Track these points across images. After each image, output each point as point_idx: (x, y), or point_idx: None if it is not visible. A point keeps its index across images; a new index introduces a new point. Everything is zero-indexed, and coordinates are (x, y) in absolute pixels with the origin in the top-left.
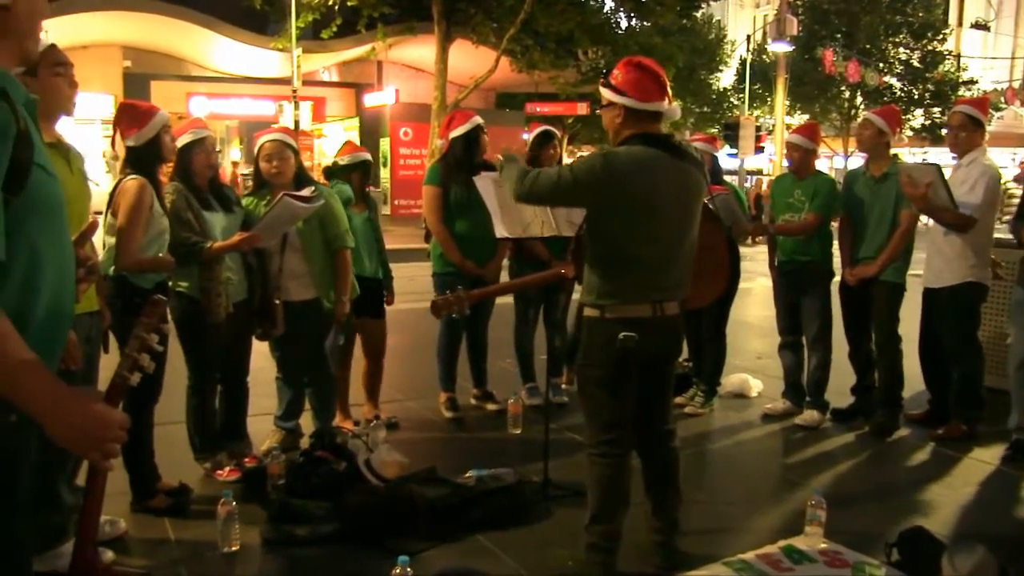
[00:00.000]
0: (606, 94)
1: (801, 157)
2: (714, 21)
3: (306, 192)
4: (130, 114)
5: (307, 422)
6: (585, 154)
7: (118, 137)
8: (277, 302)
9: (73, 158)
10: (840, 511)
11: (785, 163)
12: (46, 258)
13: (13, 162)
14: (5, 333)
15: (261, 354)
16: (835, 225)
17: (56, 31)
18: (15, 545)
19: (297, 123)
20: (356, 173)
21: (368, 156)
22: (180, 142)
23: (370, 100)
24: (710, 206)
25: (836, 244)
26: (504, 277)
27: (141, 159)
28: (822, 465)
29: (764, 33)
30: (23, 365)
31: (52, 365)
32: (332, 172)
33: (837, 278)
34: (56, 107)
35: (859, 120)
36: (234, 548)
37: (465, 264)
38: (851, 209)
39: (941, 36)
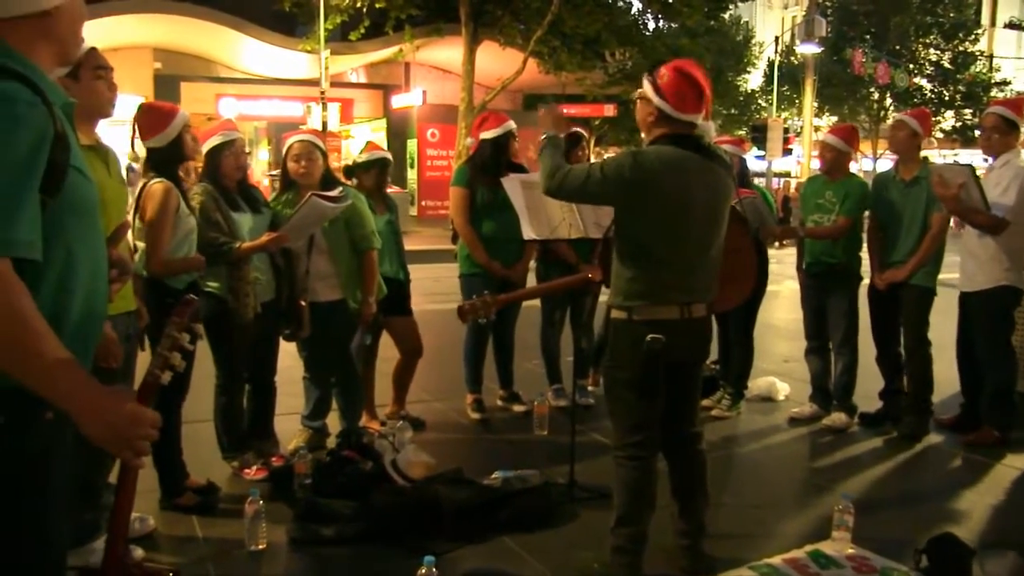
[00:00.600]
0: (646, 87)
1: (835, 158)
2: (742, 23)
3: (334, 193)
4: (151, 116)
5: (334, 422)
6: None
7: (137, 139)
8: (303, 304)
9: (111, 160)
10: (868, 516)
11: (815, 165)
12: (80, 259)
13: (50, 164)
14: (42, 333)
15: (288, 353)
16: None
17: (89, 34)
18: (49, 542)
19: (325, 124)
20: (373, 171)
21: (387, 155)
22: (210, 143)
23: (398, 101)
24: (738, 208)
25: (864, 247)
26: (531, 279)
27: (164, 160)
28: (850, 469)
29: (792, 34)
30: (60, 364)
31: (86, 364)
32: (351, 171)
33: (865, 281)
34: (96, 109)
35: (892, 121)
36: (261, 547)
37: (491, 265)
38: (881, 212)
39: (973, 36)
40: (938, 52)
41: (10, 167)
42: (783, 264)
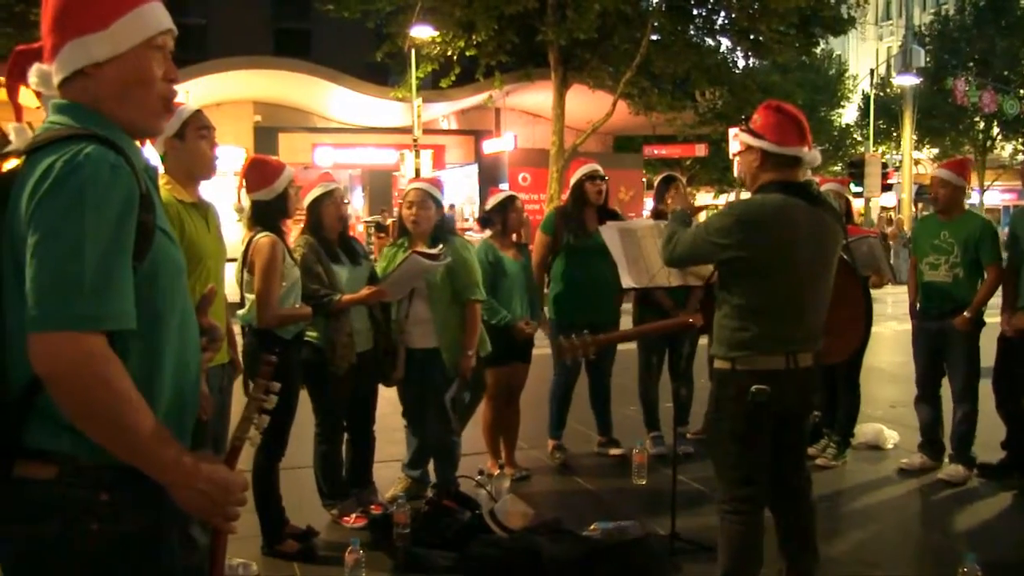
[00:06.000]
0: (744, 138)
1: (949, 194)
2: (834, 56)
3: (435, 250)
4: (260, 170)
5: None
6: (712, 199)
7: (243, 190)
8: (400, 348)
9: (211, 217)
10: None
11: (912, 199)
12: (169, 324)
13: (138, 226)
14: (137, 408)
15: (388, 400)
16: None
17: (194, 91)
18: None
19: (418, 171)
20: (501, 213)
21: (509, 193)
22: (311, 196)
23: (489, 147)
24: (845, 257)
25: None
26: (626, 323)
27: (269, 214)
28: (972, 526)
29: (888, 66)
30: (153, 437)
31: (184, 431)
32: (485, 220)
33: (989, 322)
34: (200, 169)
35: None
36: None
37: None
38: (1017, 251)
39: None
40: None
41: (100, 235)
42: (883, 304)
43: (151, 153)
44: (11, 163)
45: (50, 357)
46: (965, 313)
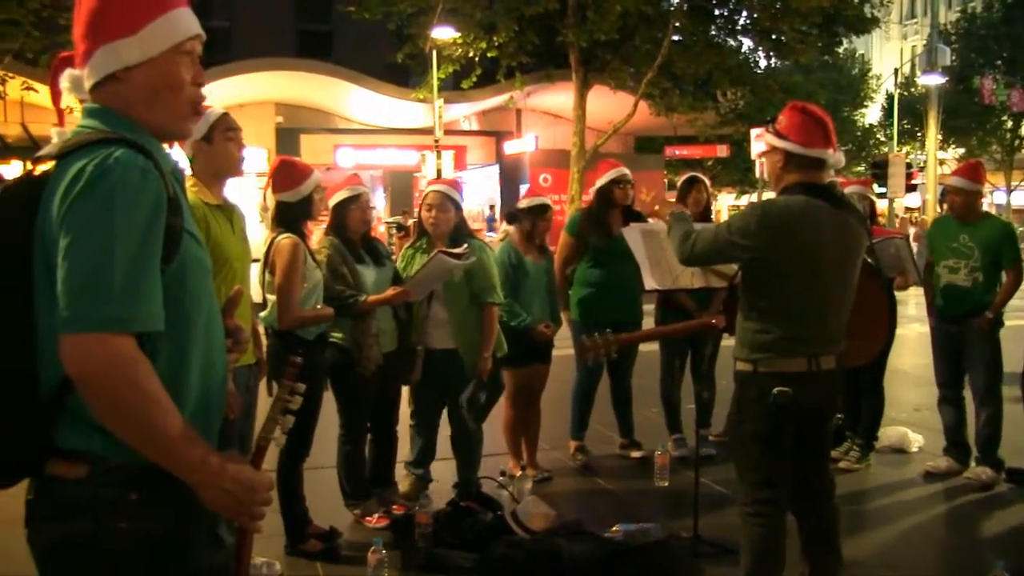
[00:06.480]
0: (768, 139)
1: (964, 200)
2: (857, 55)
3: (459, 250)
4: (288, 171)
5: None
6: (734, 199)
7: (269, 191)
8: (419, 348)
9: (236, 219)
10: None
11: (937, 200)
12: (196, 325)
13: (166, 230)
14: (166, 409)
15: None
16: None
17: (217, 93)
18: None
19: (439, 172)
20: (531, 217)
21: (544, 201)
22: (336, 198)
23: (510, 148)
24: (869, 259)
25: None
26: (648, 325)
27: (292, 215)
28: (1000, 531)
29: (913, 65)
30: (181, 437)
31: (211, 431)
32: (513, 216)
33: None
34: (227, 170)
35: None
36: None
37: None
38: None
39: None
40: None
41: (130, 238)
42: (906, 305)
43: (179, 155)
44: (43, 167)
45: (81, 358)
46: (987, 314)
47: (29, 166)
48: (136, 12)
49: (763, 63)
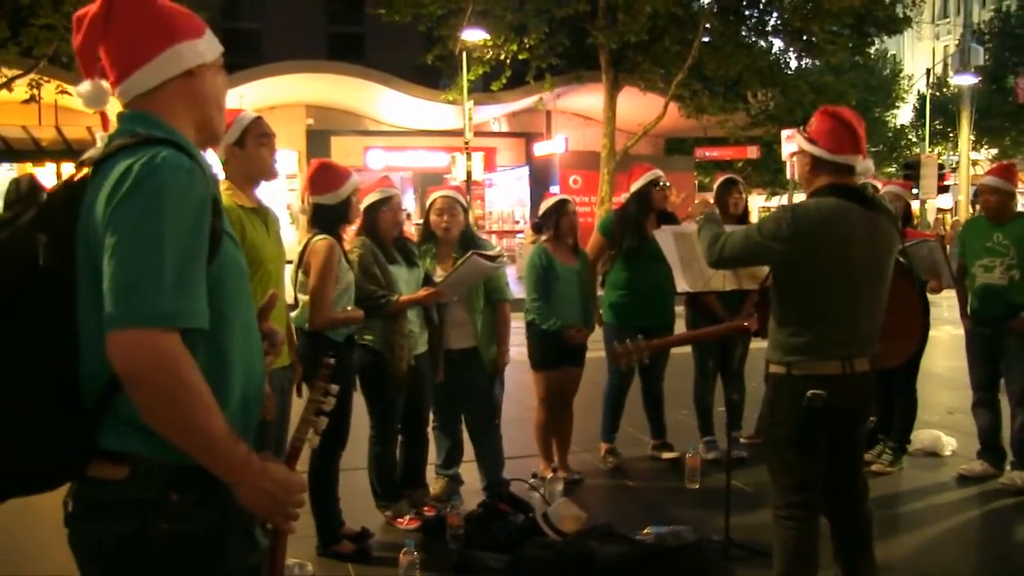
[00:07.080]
0: (799, 141)
1: (999, 201)
2: (889, 56)
3: (492, 252)
4: (327, 174)
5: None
6: (764, 201)
7: (307, 193)
8: (440, 350)
9: (271, 221)
10: None
11: (970, 201)
12: (234, 325)
13: (210, 230)
14: (209, 408)
15: None
16: None
17: (248, 95)
18: None
19: (470, 173)
20: (553, 217)
21: (559, 196)
22: (369, 199)
23: (540, 149)
24: (902, 260)
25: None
26: (680, 328)
27: (330, 218)
28: None
29: (945, 65)
30: (225, 437)
31: (249, 432)
32: (538, 226)
33: None
34: (260, 173)
35: None
36: None
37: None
38: None
39: None
40: None
41: (179, 235)
42: (939, 307)
43: (212, 159)
44: (83, 172)
45: (129, 354)
46: (1023, 314)
47: (72, 169)
48: (162, 37)
49: (793, 64)
